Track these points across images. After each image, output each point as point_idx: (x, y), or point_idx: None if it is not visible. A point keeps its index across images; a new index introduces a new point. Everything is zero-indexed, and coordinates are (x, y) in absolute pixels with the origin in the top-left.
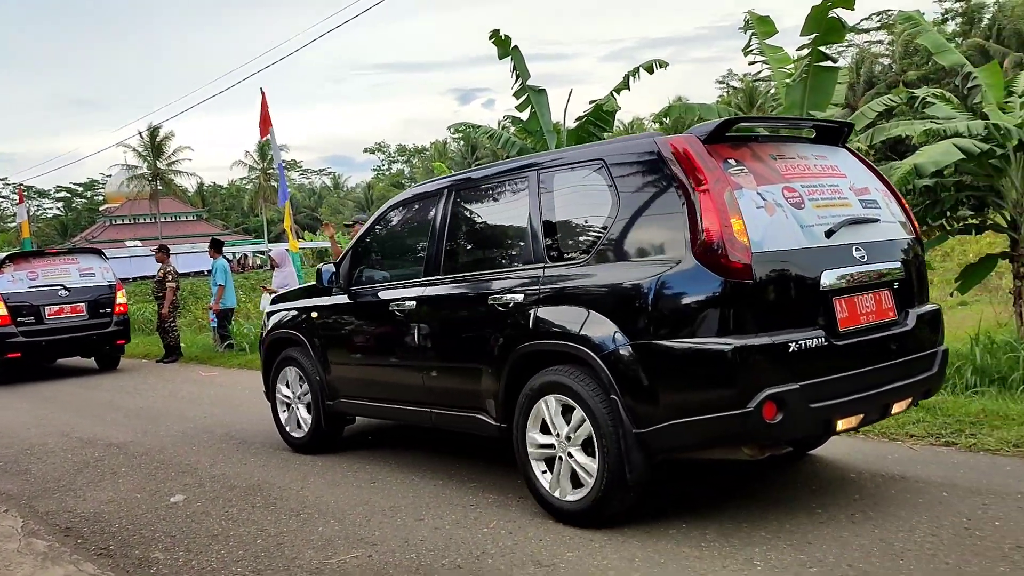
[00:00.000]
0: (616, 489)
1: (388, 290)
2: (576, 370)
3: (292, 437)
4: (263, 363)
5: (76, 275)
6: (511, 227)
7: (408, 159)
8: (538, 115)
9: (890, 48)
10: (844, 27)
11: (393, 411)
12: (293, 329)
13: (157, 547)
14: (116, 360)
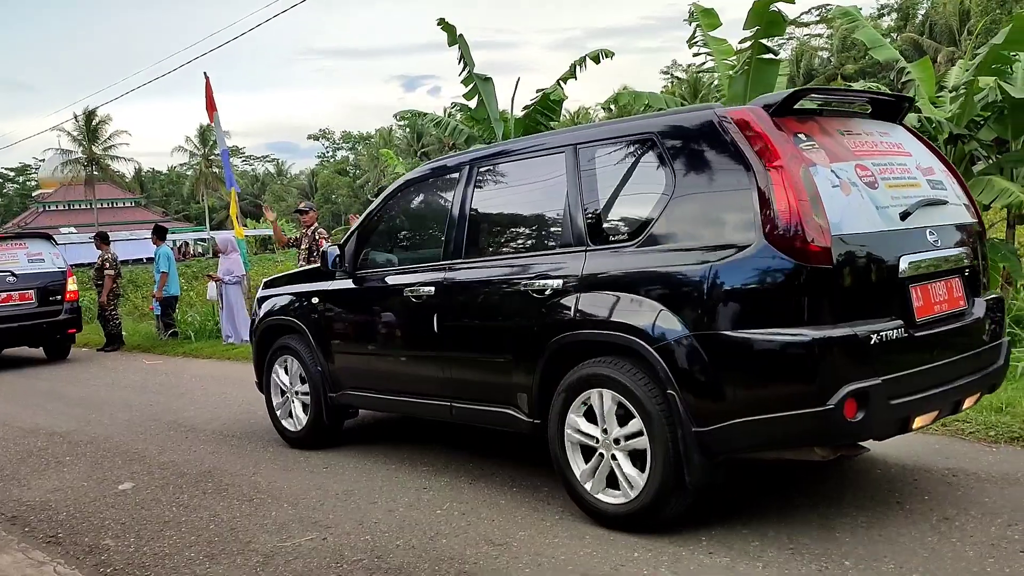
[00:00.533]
0: (671, 492)
1: (401, 275)
2: (624, 362)
3: (288, 431)
4: (255, 353)
5: (24, 260)
6: (546, 207)
7: (353, 146)
8: (485, 103)
9: (829, 42)
10: (785, 21)
11: (406, 404)
12: (290, 316)
13: (107, 534)
14: (66, 350)
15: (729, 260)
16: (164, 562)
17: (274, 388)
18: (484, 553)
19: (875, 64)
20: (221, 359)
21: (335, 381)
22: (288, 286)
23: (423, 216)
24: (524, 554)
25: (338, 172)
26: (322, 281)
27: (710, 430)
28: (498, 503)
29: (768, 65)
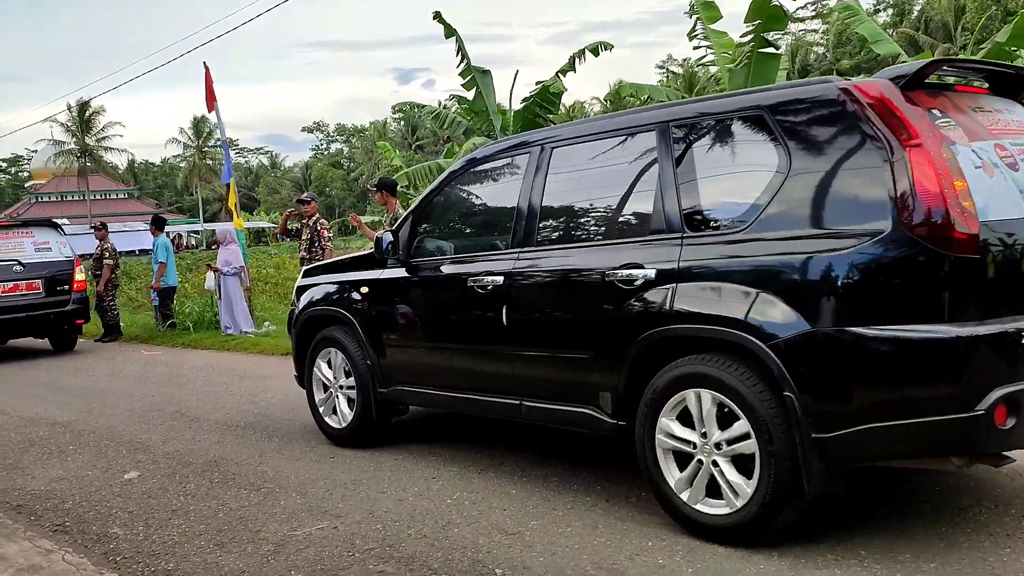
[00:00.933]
0: (785, 501)
1: (464, 263)
2: (729, 360)
3: (331, 428)
4: (295, 345)
5: (31, 249)
6: (633, 191)
7: (347, 139)
8: (484, 95)
9: (824, 37)
10: (786, 15)
11: (467, 402)
12: (336, 306)
13: (115, 523)
14: (73, 341)
15: (857, 248)
16: (174, 550)
17: (316, 383)
18: (497, 542)
19: (871, 60)
20: (220, 350)
21: (386, 376)
22: (332, 275)
23: (489, 199)
24: (537, 543)
25: (332, 165)
26: (372, 269)
27: (834, 436)
28: (508, 493)
29: (769, 59)
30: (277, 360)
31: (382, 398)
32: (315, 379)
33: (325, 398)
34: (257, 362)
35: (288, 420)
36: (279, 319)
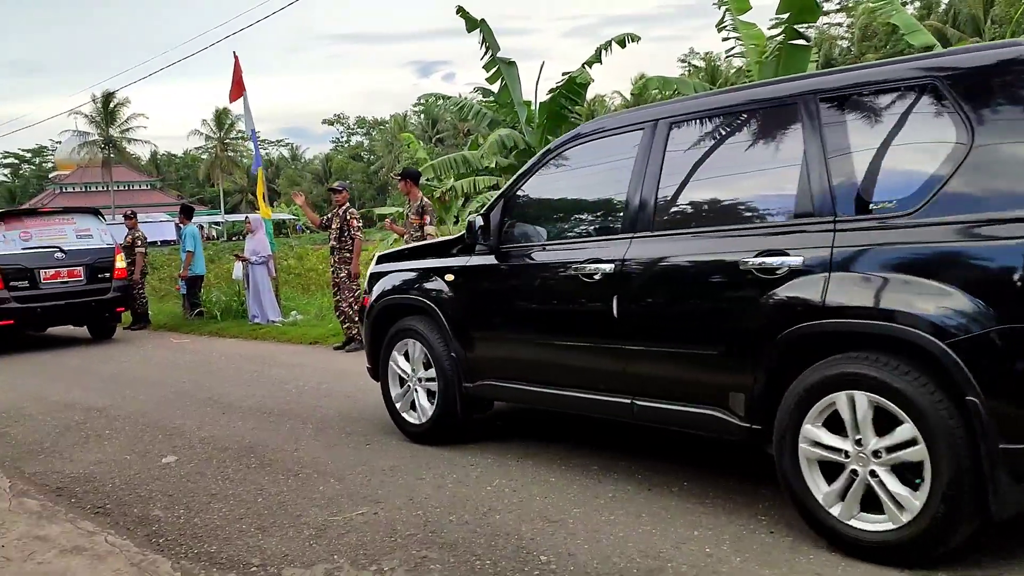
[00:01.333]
0: (962, 517)
1: (566, 248)
2: (893, 359)
3: (410, 424)
4: (368, 336)
5: (73, 236)
6: (772, 170)
7: (367, 131)
8: (509, 87)
9: (849, 30)
10: (818, 7)
11: (569, 400)
12: (416, 295)
13: (155, 506)
14: (112, 329)
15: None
16: (216, 533)
17: (392, 376)
18: (540, 529)
19: (897, 53)
20: (248, 338)
21: (472, 369)
22: (410, 262)
23: (595, 180)
24: (581, 531)
25: (352, 157)
26: (456, 256)
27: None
28: (548, 480)
29: (800, 51)
30: (305, 348)
31: (468, 393)
32: (391, 372)
33: (402, 392)
34: (285, 350)
35: (321, 407)
36: (305, 309)
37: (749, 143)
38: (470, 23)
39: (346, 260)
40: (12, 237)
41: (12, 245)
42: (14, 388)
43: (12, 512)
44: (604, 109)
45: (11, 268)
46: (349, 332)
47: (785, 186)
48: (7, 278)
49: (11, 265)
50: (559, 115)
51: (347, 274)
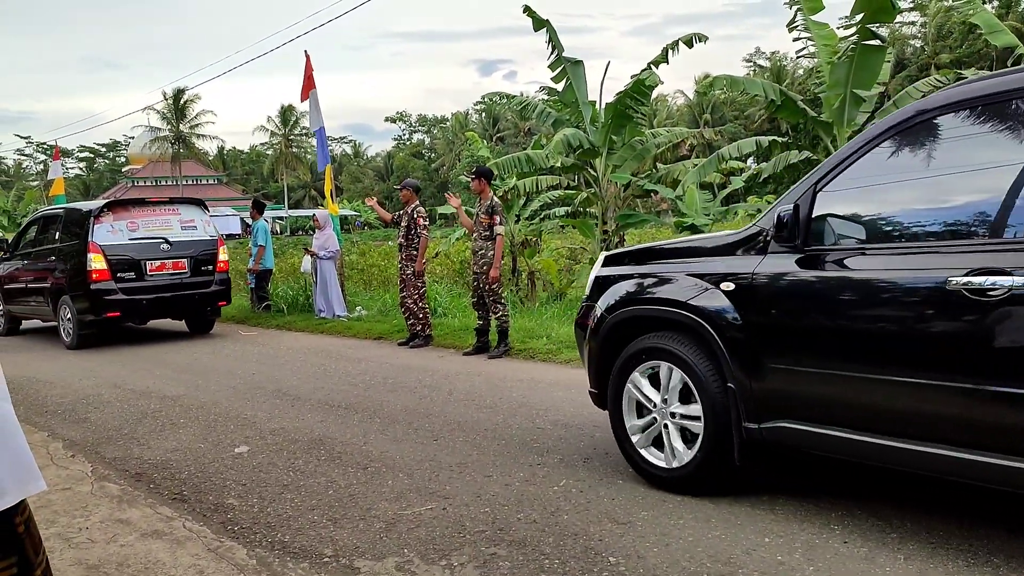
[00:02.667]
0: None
1: (926, 254)
2: None
3: (652, 465)
4: (594, 354)
5: (178, 227)
6: None
7: (428, 129)
8: (574, 87)
9: (922, 30)
10: (894, 7)
11: (923, 457)
12: (674, 307)
13: (230, 494)
14: (211, 323)
15: None
16: (289, 523)
17: (628, 404)
18: (608, 531)
19: (972, 53)
20: (314, 332)
21: (761, 407)
22: (660, 263)
23: (968, 166)
24: (650, 534)
25: (413, 155)
26: (733, 256)
27: None
28: (616, 482)
29: (874, 51)
30: (371, 343)
31: (753, 436)
32: (627, 399)
33: (642, 425)
34: (351, 345)
35: (388, 402)
36: (369, 304)
37: None
38: (537, 22)
39: (412, 257)
40: (120, 227)
41: (120, 235)
42: (93, 375)
43: (95, 496)
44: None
45: (119, 259)
46: (413, 328)
47: None
48: (115, 269)
49: (119, 256)
50: (624, 115)
51: (412, 271)
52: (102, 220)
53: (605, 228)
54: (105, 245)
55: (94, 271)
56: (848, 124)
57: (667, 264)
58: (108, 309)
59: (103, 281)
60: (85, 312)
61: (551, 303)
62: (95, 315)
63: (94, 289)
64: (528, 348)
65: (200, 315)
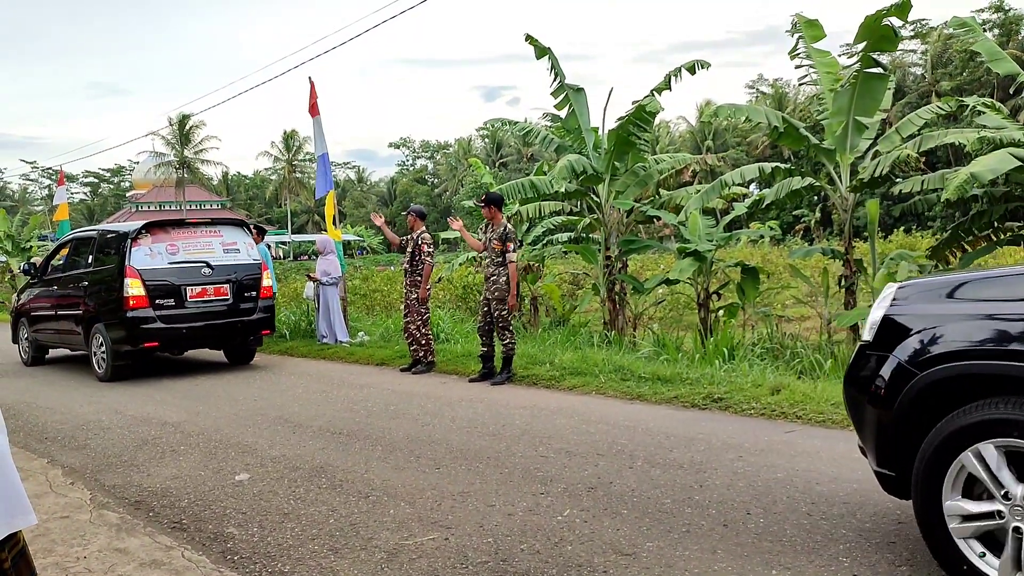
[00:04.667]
0: None
1: None
2: None
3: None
4: (892, 425)
5: (220, 250)
6: None
7: (432, 155)
8: (577, 114)
9: (923, 58)
10: (897, 36)
11: None
12: None
13: (230, 523)
14: (251, 353)
15: None
16: (289, 553)
17: (949, 488)
18: (613, 562)
19: (972, 81)
20: (316, 358)
21: None
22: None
23: None
24: (655, 565)
25: (417, 181)
26: None
27: None
28: (620, 512)
29: (876, 80)
30: (373, 369)
31: None
32: (950, 482)
33: (977, 518)
34: (353, 371)
35: (390, 429)
36: (371, 330)
37: None
38: (539, 51)
39: (417, 283)
40: (159, 250)
41: (159, 259)
42: (93, 401)
43: (93, 524)
44: (668, 135)
45: (158, 284)
46: (416, 354)
47: None
48: (153, 295)
49: (158, 281)
50: (627, 141)
51: (416, 297)
52: (140, 243)
53: (608, 254)
54: (143, 269)
55: (131, 297)
56: (851, 151)
57: None
58: (146, 339)
59: (140, 308)
60: (121, 342)
61: (554, 329)
62: (132, 345)
63: (131, 317)
64: (531, 375)
65: (242, 345)
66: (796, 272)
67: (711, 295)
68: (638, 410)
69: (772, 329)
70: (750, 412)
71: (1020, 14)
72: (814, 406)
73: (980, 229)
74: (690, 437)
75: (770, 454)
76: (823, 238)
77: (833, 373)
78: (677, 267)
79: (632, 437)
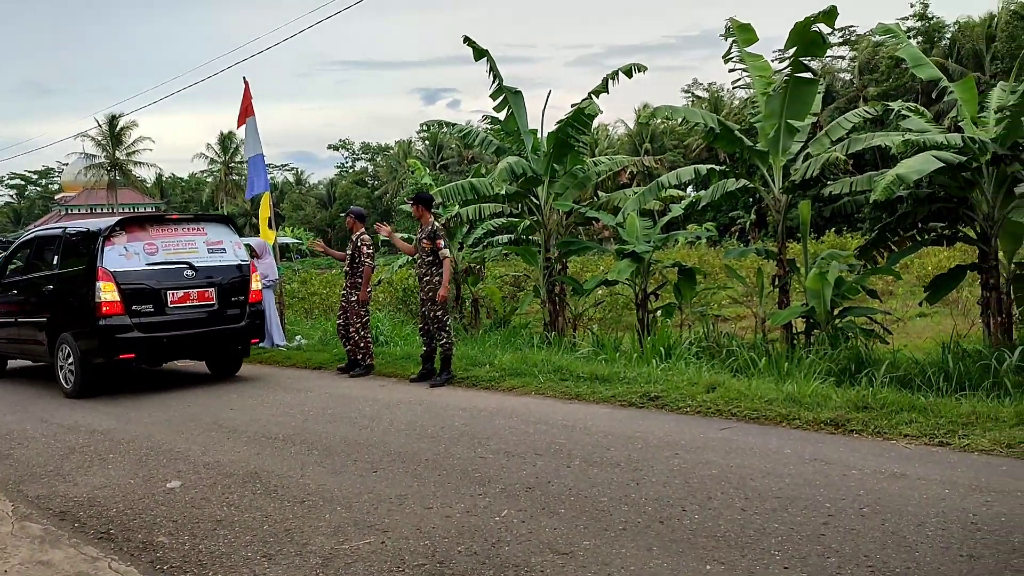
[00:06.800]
0: None
1: None
2: None
3: None
4: None
5: (204, 250)
6: None
7: (372, 157)
8: (516, 116)
9: (852, 64)
10: (825, 42)
11: None
12: None
13: (160, 531)
14: (238, 364)
15: None
16: (221, 560)
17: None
18: (550, 561)
19: (898, 86)
20: (251, 362)
21: None
22: None
23: None
24: (592, 564)
25: (357, 183)
26: None
27: None
28: (557, 511)
29: (806, 84)
30: (311, 373)
31: None
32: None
33: None
34: (290, 375)
35: (327, 433)
36: (309, 334)
37: None
38: (477, 52)
39: (357, 285)
40: (136, 250)
41: (136, 260)
42: (19, 409)
43: (15, 536)
44: (607, 138)
45: (134, 288)
46: (353, 355)
47: None
48: (129, 301)
49: (134, 285)
50: (565, 144)
51: (356, 299)
52: (113, 241)
53: (548, 256)
54: (117, 271)
55: (104, 303)
56: (783, 153)
57: None
58: (121, 349)
59: (115, 315)
60: (92, 353)
61: (495, 330)
62: (105, 357)
63: (104, 325)
64: (471, 376)
65: (228, 355)
66: (732, 272)
67: (649, 295)
68: (577, 410)
69: (709, 328)
70: (686, 410)
71: (942, 22)
72: (748, 403)
73: (906, 229)
74: (627, 435)
75: (705, 451)
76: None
77: (767, 370)
78: (615, 268)
79: (570, 436)
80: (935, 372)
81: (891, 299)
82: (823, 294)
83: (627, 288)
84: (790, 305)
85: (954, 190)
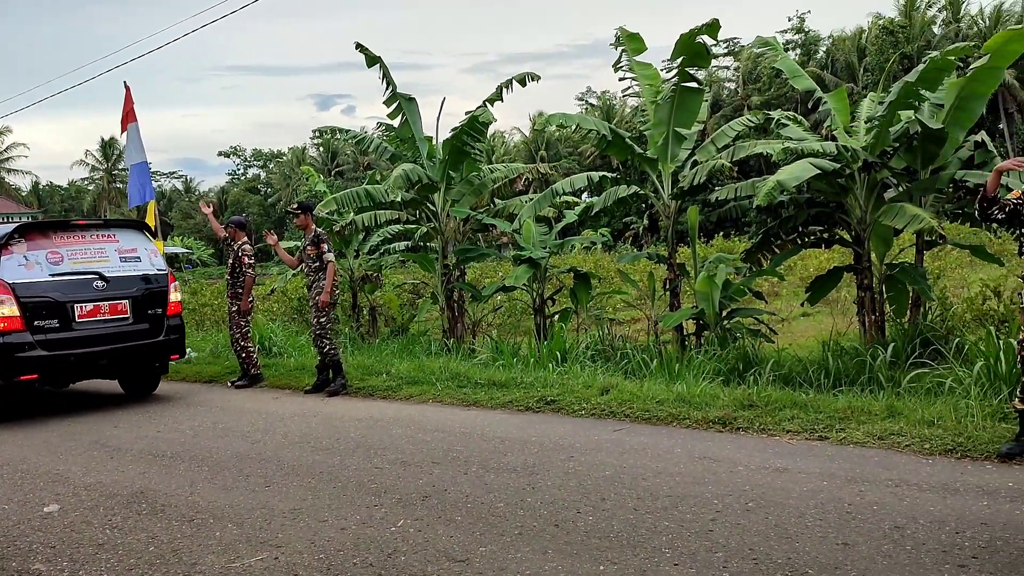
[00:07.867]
0: None
1: None
2: None
3: None
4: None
5: (116, 259)
6: None
7: (264, 164)
8: (410, 123)
9: (736, 74)
10: (709, 54)
11: None
12: None
13: (36, 558)
14: (155, 383)
15: None
16: None
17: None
18: (446, 569)
19: (779, 96)
20: None
21: None
22: None
23: None
24: (488, 570)
25: (249, 190)
26: None
27: None
28: (454, 519)
29: (692, 93)
30: (201, 387)
31: None
32: None
33: None
34: (178, 389)
35: (217, 448)
36: (199, 346)
37: None
38: (369, 59)
39: (238, 295)
40: (38, 259)
41: (38, 271)
42: None
43: None
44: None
45: (36, 302)
46: (245, 366)
47: None
48: (30, 316)
49: (36, 298)
50: (461, 151)
51: (237, 309)
52: (12, 250)
53: (446, 262)
54: (16, 283)
55: (1, 319)
56: (671, 160)
57: None
58: (21, 370)
59: (14, 332)
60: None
61: (393, 339)
62: (3, 379)
63: (1, 344)
64: (368, 385)
65: (145, 373)
66: (625, 277)
67: (546, 300)
68: (474, 416)
69: (604, 332)
70: (581, 413)
71: (818, 35)
72: (640, 404)
73: (788, 233)
74: (524, 440)
75: (599, 452)
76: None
77: (659, 372)
78: (513, 274)
79: (467, 443)
80: (816, 370)
81: (776, 300)
82: (712, 296)
83: (525, 294)
84: (681, 308)
85: (830, 195)
